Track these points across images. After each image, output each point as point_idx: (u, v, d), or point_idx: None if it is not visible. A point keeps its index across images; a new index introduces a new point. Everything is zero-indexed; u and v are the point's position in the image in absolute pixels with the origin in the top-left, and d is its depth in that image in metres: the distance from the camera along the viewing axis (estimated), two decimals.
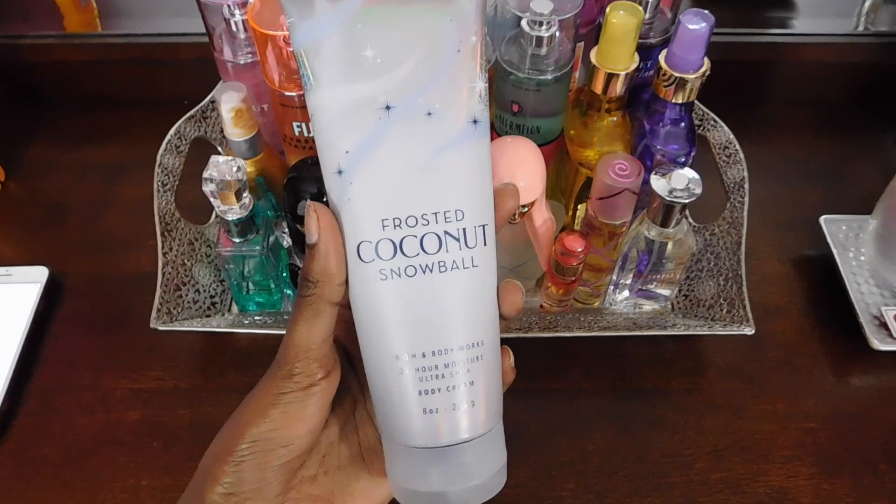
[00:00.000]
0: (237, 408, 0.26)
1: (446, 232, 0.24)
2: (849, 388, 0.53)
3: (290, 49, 0.43)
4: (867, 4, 0.75)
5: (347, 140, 0.23)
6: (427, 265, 0.24)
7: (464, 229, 0.24)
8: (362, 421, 0.29)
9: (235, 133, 0.47)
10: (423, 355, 0.24)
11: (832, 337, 0.55)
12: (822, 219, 0.59)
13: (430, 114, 0.23)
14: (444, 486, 0.25)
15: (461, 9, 0.23)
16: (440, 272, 0.24)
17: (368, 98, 0.23)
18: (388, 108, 0.23)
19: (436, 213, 0.23)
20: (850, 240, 0.59)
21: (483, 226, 0.25)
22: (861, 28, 0.74)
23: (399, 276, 0.24)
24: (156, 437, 0.50)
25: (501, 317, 0.26)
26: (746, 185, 0.51)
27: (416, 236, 0.24)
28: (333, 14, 0.22)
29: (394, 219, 0.23)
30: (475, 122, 0.24)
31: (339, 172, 0.23)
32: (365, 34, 0.22)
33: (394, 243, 0.24)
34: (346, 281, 0.25)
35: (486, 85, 0.24)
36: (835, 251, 0.57)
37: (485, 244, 0.25)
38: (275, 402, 0.25)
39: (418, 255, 0.24)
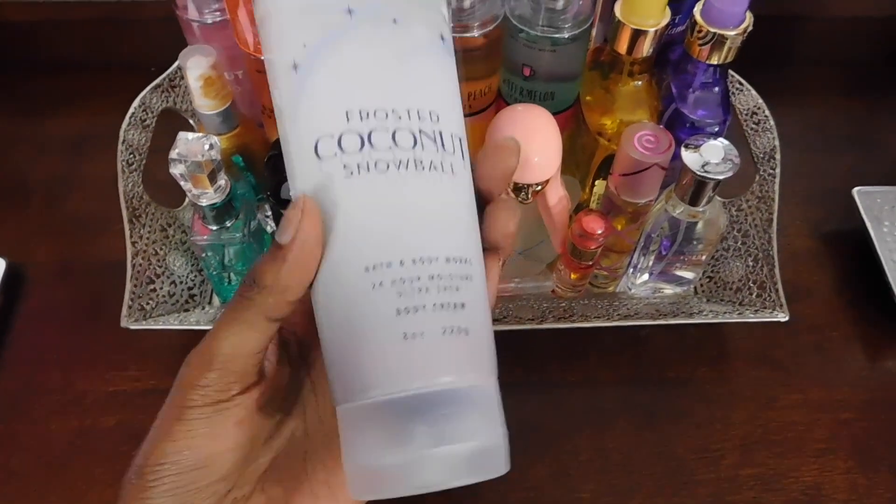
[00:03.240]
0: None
1: (421, 130, 0.20)
2: (886, 375, 0.50)
3: None
4: None
5: (306, 35, 0.20)
6: (401, 161, 0.20)
7: (440, 132, 0.21)
8: (315, 421, 0.25)
9: (206, 105, 0.42)
10: (402, 263, 0.19)
11: (867, 318, 0.52)
12: (854, 190, 0.55)
13: (395, 21, 0.21)
14: (433, 445, 0.19)
15: None
16: (416, 170, 0.20)
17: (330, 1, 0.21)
18: (350, 11, 0.20)
19: (408, 110, 0.20)
20: (885, 213, 0.55)
21: (459, 138, 0.22)
22: None
23: (368, 170, 0.20)
24: (134, 444, 0.45)
25: (486, 248, 0.22)
26: (777, 156, 0.47)
27: (387, 130, 0.20)
28: None
29: (360, 110, 0.20)
30: (442, 38, 0.22)
31: (295, 67, 0.20)
32: None
33: (361, 136, 0.20)
34: (311, 285, 0.21)
35: (449, 13, 0.23)
36: (869, 225, 0.53)
37: (462, 157, 0.22)
38: (180, 417, 0.21)
39: (391, 148, 0.20)
